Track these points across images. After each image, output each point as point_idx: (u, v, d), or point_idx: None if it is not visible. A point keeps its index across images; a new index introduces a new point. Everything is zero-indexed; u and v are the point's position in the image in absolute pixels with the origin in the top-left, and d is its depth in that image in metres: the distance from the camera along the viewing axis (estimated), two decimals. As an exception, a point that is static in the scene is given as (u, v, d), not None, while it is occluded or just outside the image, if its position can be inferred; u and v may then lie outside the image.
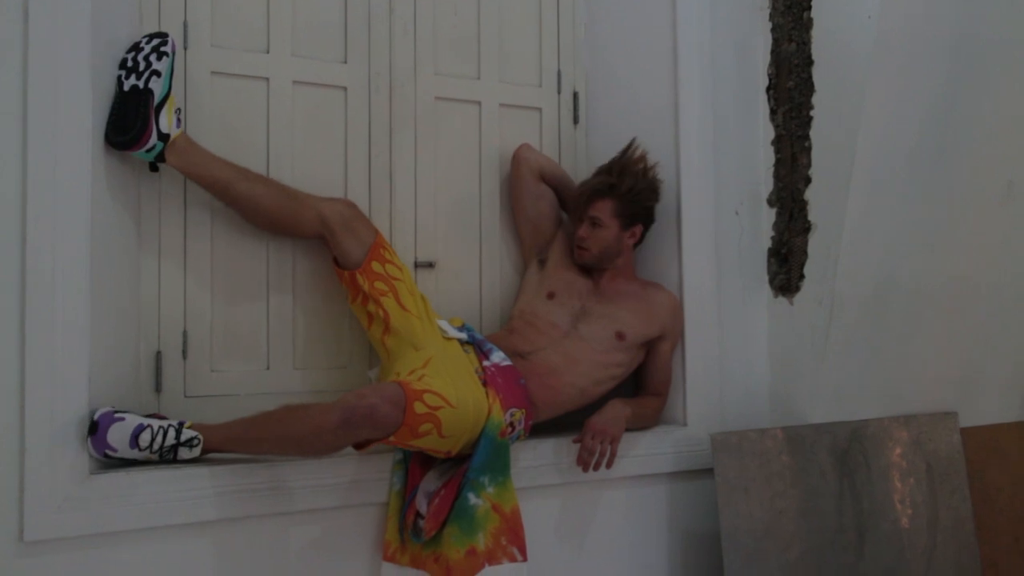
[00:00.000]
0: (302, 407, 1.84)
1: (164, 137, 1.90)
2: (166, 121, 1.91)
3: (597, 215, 2.28)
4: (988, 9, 2.24)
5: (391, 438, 1.82)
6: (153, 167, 1.98)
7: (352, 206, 2.10)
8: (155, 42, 1.90)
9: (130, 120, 1.85)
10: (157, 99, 1.89)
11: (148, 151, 1.90)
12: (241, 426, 1.85)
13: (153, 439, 1.79)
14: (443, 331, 2.14)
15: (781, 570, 2.23)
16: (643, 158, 2.32)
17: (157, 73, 1.88)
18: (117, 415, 1.77)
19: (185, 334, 2.07)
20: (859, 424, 2.38)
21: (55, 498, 1.68)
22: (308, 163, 2.20)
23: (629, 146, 2.33)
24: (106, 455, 1.76)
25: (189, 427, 1.83)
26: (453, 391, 1.92)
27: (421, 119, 2.36)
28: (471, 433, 1.97)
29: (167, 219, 2.06)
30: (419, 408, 1.83)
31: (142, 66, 1.88)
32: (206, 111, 2.10)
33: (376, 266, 2.06)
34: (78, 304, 1.72)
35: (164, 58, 1.90)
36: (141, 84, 1.87)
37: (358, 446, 1.85)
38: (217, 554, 1.85)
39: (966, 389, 2.55)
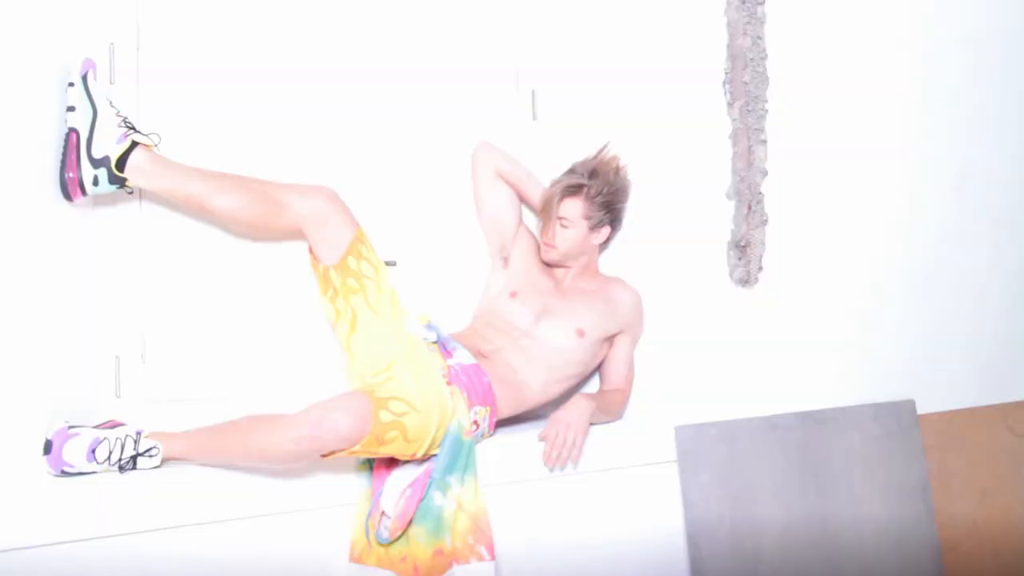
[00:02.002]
0: (267, 418, 1.83)
1: (104, 161, 1.84)
2: (100, 146, 1.84)
3: (565, 215, 2.28)
4: (939, 1, 2.28)
5: (357, 448, 1.81)
6: (125, 189, 1.91)
7: (332, 198, 2.03)
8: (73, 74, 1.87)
9: (61, 168, 1.81)
10: (86, 129, 1.84)
11: (96, 185, 1.84)
12: (203, 435, 1.83)
13: (111, 452, 1.76)
14: (410, 331, 2.13)
15: (746, 559, 2.25)
16: (615, 160, 2.32)
17: (71, 108, 1.84)
18: (71, 431, 1.74)
19: (144, 337, 2.05)
20: (819, 413, 2.41)
21: (17, 507, 1.65)
22: (265, 161, 2.18)
23: (603, 148, 2.33)
24: (64, 472, 1.74)
25: (147, 436, 1.81)
26: (418, 394, 1.92)
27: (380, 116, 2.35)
28: (437, 434, 1.96)
29: (124, 219, 2.03)
30: (384, 417, 1.83)
31: (68, 102, 1.85)
32: (159, 112, 2.07)
33: (352, 262, 2.03)
34: (34, 309, 1.69)
35: (71, 87, 1.85)
36: (68, 124, 1.84)
37: (322, 454, 1.84)
38: (182, 559, 1.84)
39: (923, 376, 2.59)
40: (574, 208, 2.28)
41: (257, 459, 1.83)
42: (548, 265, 2.36)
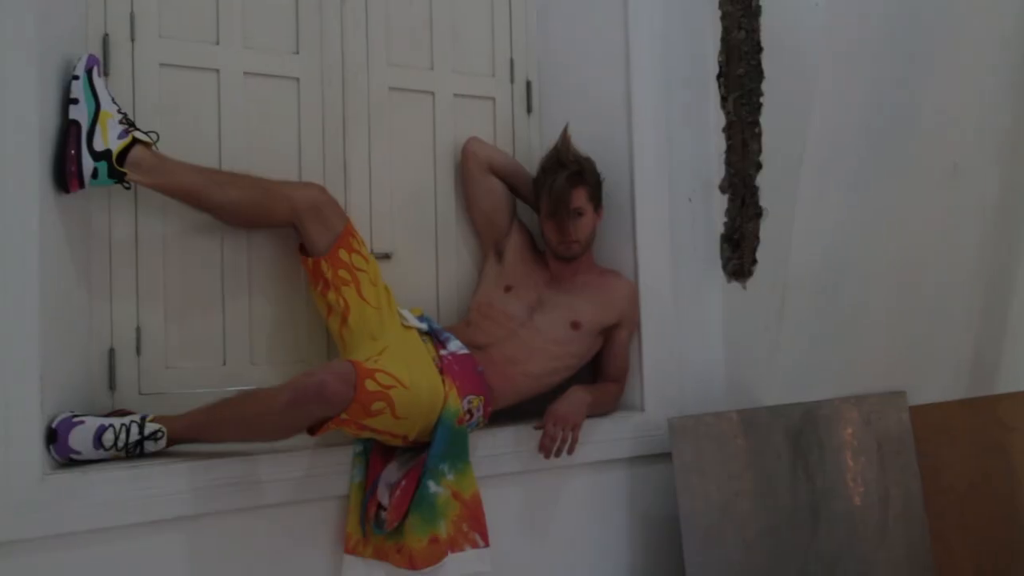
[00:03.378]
0: (256, 390, 1.89)
1: (105, 155, 1.84)
2: (101, 140, 1.84)
3: (579, 205, 2.28)
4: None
5: (343, 415, 1.81)
6: (123, 184, 1.91)
7: (323, 191, 2.10)
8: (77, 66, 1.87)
9: (60, 159, 1.81)
10: (87, 123, 1.84)
11: (95, 178, 1.84)
12: (201, 414, 1.86)
13: (117, 437, 1.79)
14: (403, 319, 2.15)
15: (738, 550, 2.26)
16: (569, 137, 2.33)
17: (74, 100, 1.84)
18: (76, 419, 1.76)
19: (138, 330, 2.04)
20: (812, 405, 2.42)
21: (11, 500, 1.65)
22: (261, 155, 2.18)
23: (566, 130, 2.34)
24: (71, 459, 1.76)
25: (151, 420, 1.83)
26: (407, 373, 1.93)
27: (375, 110, 2.35)
28: (427, 418, 1.97)
29: (117, 213, 2.03)
30: (370, 385, 1.84)
31: (70, 94, 1.85)
32: (155, 104, 2.07)
33: (343, 254, 2.06)
34: (27, 302, 1.68)
35: (75, 80, 1.85)
36: (70, 116, 1.83)
37: (312, 430, 1.85)
38: (177, 552, 1.84)
39: (915, 368, 2.60)
40: (582, 195, 2.28)
41: (251, 431, 1.86)
42: (564, 259, 2.34)
